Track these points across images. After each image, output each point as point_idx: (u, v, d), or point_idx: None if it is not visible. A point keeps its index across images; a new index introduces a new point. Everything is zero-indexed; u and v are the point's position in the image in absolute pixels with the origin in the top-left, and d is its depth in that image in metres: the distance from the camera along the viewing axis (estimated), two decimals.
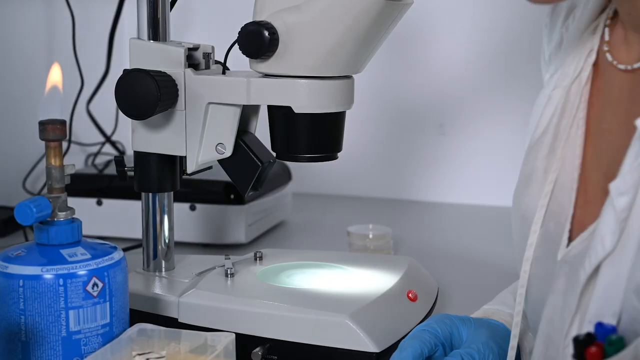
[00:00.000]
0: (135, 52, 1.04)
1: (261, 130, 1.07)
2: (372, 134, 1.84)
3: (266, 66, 0.97)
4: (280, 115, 1.01)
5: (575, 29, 0.92)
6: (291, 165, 1.60)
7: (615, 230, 0.76)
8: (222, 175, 1.09)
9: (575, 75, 0.90)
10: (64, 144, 1.13)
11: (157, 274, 1.10)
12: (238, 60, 1.00)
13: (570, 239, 0.86)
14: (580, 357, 0.70)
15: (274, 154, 1.05)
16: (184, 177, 1.09)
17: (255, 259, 1.14)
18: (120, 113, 1.02)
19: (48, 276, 0.83)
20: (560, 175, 0.88)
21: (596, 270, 0.78)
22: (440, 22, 1.77)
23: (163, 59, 1.02)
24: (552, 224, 0.88)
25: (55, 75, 0.90)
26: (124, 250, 0.93)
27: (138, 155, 1.07)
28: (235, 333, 0.87)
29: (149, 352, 0.84)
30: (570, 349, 0.74)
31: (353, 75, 1.01)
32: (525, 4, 1.75)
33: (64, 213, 0.86)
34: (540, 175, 0.90)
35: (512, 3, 1.72)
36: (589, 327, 0.77)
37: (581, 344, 0.70)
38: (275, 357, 0.97)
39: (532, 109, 0.96)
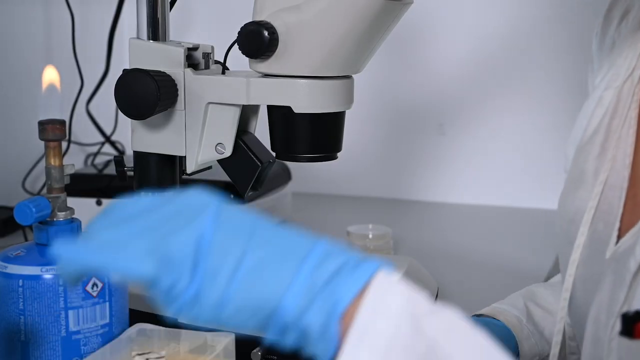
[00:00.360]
0: (134, 52, 1.04)
1: (261, 130, 1.07)
2: (371, 134, 1.84)
3: (266, 66, 0.97)
4: (279, 115, 1.01)
5: (628, 30, 0.91)
6: (291, 165, 1.60)
7: None
8: (221, 175, 1.08)
9: (627, 74, 0.89)
10: (64, 144, 1.12)
11: None
12: (238, 60, 1.00)
13: (619, 237, 0.85)
14: (629, 333, 0.69)
15: (274, 154, 1.05)
16: (184, 177, 1.09)
17: None
18: (120, 113, 1.01)
19: (47, 276, 0.83)
20: (610, 175, 0.88)
21: None
22: (440, 22, 1.77)
23: (163, 58, 1.02)
24: (601, 223, 0.88)
25: (50, 74, 0.90)
26: None
27: (138, 155, 1.07)
28: (235, 333, 0.87)
29: (148, 352, 0.84)
30: (617, 328, 0.73)
31: (353, 75, 1.01)
32: (526, 3, 1.75)
33: (63, 213, 0.86)
34: (590, 177, 0.90)
35: (512, 3, 1.72)
36: None
37: (630, 320, 0.69)
38: (275, 357, 0.97)
39: (580, 112, 0.95)
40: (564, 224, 0.93)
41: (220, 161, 1.05)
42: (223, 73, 1.05)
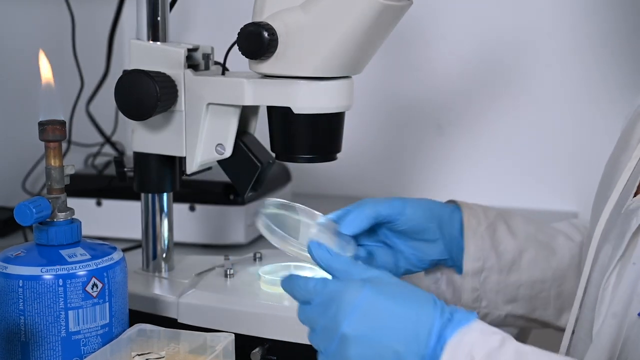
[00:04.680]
0: (135, 52, 1.04)
1: (260, 130, 1.07)
2: (371, 134, 1.84)
3: (265, 67, 0.98)
4: (279, 116, 1.01)
5: None
6: (291, 165, 1.60)
7: None
8: (221, 176, 1.09)
9: None
10: (64, 145, 1.12)
11: (156, 274, 1.10)
12: (238, 61, 1.00)
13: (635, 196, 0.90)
14: None
15: (274, 155, 1.05)
16: (184, 177, 1.09)
17: (255, 260, 1.14)
18: (120, 114, 1.02)
19: (47, 276, 0.83)
20: None
21: None
22: (439, 22, 1.77)
23: (163, 59, 1.02)
24: (632, 184, 0.92)
25: (45, 70, 0.90)
26: (124, 250, 0.93)
27: (138, 155, 1.07)
28: (235, 333, 0.87)
29: (148, 353, 0.84)
30: (609, 291, 0.85)
31: (352, 76, 1.02)
32: (527, 3, 1.75)
33: (63, 213, 0.86)
34: (634, 142, 0.94)
35: (512, 2, 1.72)
36: (632, 270, 0.84)
37: None
38: (275, 358, 0.97)
39: None
40: (604, 183, 0.97)
41: (220, 162, 1.05)
42: (223, 74, 1.05)
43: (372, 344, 0.75)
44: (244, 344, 0.96)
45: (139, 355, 0.84)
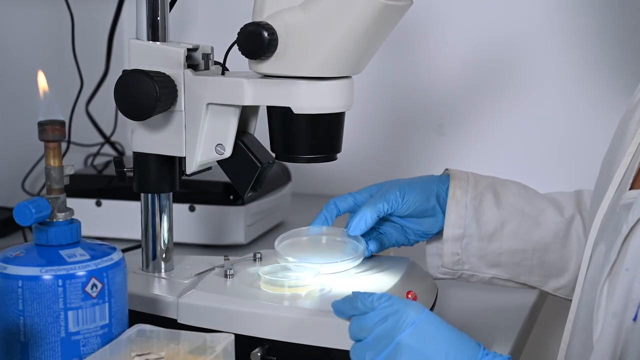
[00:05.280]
0: (134, 52, 1.04)
1: (260, 130, 1.07)
2: (371, 135, 1.84)
3: (265, 67, 0.97)
4: (279, 116, 1.01)
5: None
6: (291, 165, 1.60)
7: None
8: (221, 176, 1.08)
9: None
10: (63, 145, 1.12)
11: (156, 274, 1.10)
12: (238, 60, 1.00)
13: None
14: None
15: (273, 155, 1.05)
16: (183, 177, 1.09)
17: (255, 260, 1.14)
18: (120, 114, 1.01)
19: (47, 277, 0.83)
20: None
21: (637, 224, 0.86)
22: (440, 22, 1.77)
23: (162, 59, 1.02)
24: (627, 179, 0.93)
25: (40, 81, 0.90)
26: (123, 251, 0.93)
27: (137, 155, 1.07)
28: (235, 334, 0.87)
29: (148, 353, 0.84)
30: (604, 297, 0.88)
31: (352, 76, 1.01)
32: (528, 3, 1.74)
33: (63, 214, 0.86)
34: (629, 138, 0.96)
35: (514, 2, 1.72)
36: (625, 276, 0.86)
37: None
38: (275, 358, 0.97)
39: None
40: (601, 180, 0.99)
41: (219, 162, 1.05)
42: (223, 74, 1.05)
43: (421, 358, 0.83)
44: (243, 344, 0.96)
45: (138, 355, 0.83)
